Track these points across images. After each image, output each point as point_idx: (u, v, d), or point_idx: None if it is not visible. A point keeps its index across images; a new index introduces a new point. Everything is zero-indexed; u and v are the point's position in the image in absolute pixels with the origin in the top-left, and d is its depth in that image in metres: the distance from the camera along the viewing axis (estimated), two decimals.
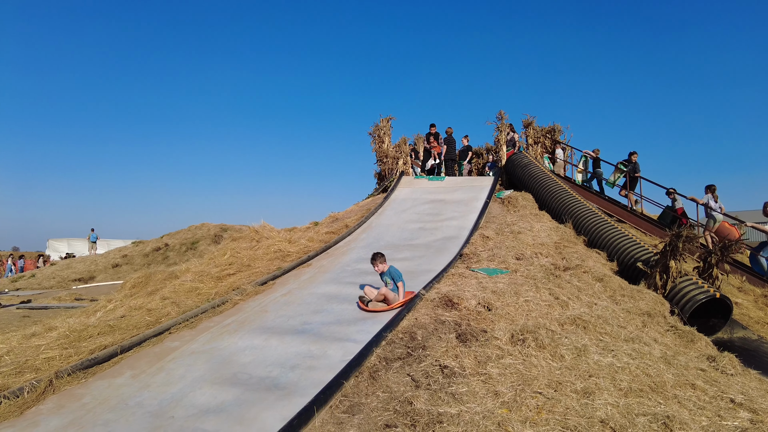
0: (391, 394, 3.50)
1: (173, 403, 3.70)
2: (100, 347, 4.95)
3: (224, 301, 6.02)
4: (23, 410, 3.67)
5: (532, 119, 14.36)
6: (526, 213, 9.66)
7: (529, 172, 11.67)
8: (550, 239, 7.98)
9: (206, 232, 23.12)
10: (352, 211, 12.26)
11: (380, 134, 14.79)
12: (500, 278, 5.97)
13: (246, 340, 4.78)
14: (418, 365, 3.88)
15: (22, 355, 4.90)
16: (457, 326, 4.55)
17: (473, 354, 3.97)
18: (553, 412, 3.22)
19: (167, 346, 4.89)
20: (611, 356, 4.13)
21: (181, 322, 5.44)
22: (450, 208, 10.78)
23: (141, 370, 4.38)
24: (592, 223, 8.57)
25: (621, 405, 3.34)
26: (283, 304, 5.87)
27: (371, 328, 4.77)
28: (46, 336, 5.59)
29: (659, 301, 6.09)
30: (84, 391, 3.99)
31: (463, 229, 9.10)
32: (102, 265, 21.39)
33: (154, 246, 22.22)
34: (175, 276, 7.97)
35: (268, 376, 3.99)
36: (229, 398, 3.67)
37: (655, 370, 4.00)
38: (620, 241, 7.71)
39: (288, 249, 8.70)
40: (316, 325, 5.09)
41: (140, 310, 6.36)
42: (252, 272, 7.46)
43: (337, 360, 4.15)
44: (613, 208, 11.06)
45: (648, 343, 4.66)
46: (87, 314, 6.85)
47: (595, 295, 5.76)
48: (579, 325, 4.72)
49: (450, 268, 6.68)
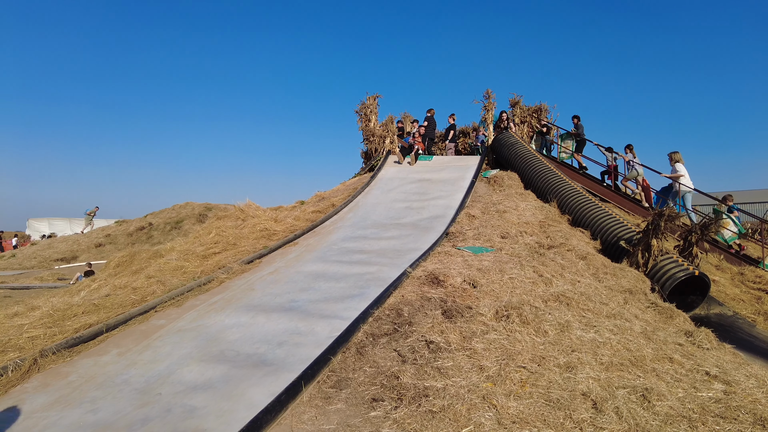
0: (378, 369, 3.55)
1: (160, 380, 3.70)
2: (85, 326, 4.92)
3: (210, 280, 6.00)
4: (8, 389, 3.64)
5: (519, 98, 14.35)
6: (511, 192, 9.73)
7: (515, 151, 11.70)
8: (535, 218, 8.06)
9: (190, 211, 22.93)
10: (339, 191, 12.21)
11: (367, 112, 14.67)
12: (485, 256, 6.03)
13: (233, 318, 4.78)
14: (404, 341, 3.93)
15: (5, 335, 4.84)
16: (443, 303, 4.61)
17: (459, 330, 4.03)
18: (537, 385, 3.29)
19: (153, 324, 4.87)
20: (593, 332, 4.22)
21: (167, 300, 5.41)
22: (437, 187, 10.79)
23: (127, 348, 4.37)
24: (576, 202, 8.66)
25: (602, 378, 3.43)
26: (270, 282, 5.87)
27: (358, 305, 4.80)
28: (29, 315, 5.53)
29: (641, 279, 6.23)
30: (70, 369, 3.97)
31: (449, 208, 9.13)
32: (85, 245, 21.13)
33: (137, 225, 21.99)
34: (160, 255, 7.90)
35: (256, 353, 4.01)
36: (217, 375, 3.68)
37: (636, 345, 4.11)
38: (604, 220, 7.82)
39: (274, 228, 8.66)
40: (303, 303, 5.11)
41: (125, 288, 6.31)
42: (238, 251, 7.42)
43: (324, 336, 4.18)
44: (596, 188, 11.17)
45: (629, 319, 4.77)
46: (71, 293, 6.78)
47: (578, 272, 5.86)
48: (562, 301, 4.81)
49: (436, 246, 6.73)
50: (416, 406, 3.03)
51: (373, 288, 5.32)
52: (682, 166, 10.06)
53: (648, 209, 10.54)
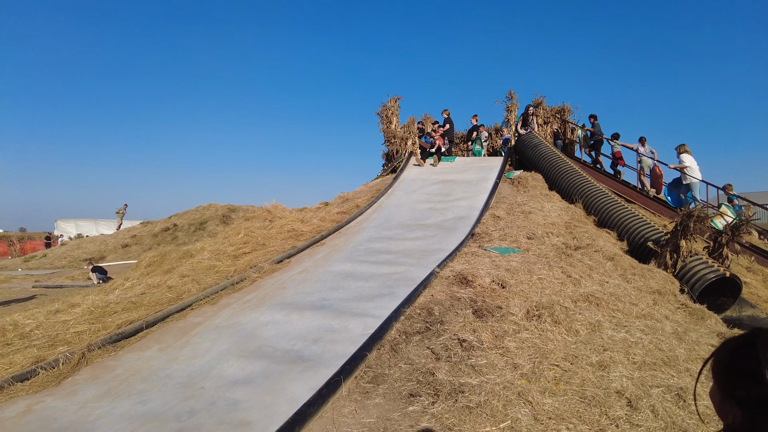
0: (413, 365, 3.63)
1: (202, 375, 3.85)
2: (126, 322, 5.11)
3: (243, 279, 6.16)
4: (60, 380, 3.83)
5: (542, 99, 14.27)
6: (536, 193, 9.71)
7: (539, 152, 11.67)
8: (561, 219, 8.05)
9: (214, 212, 23.30)
10: (362, 192, 12.33)
11: (388, 114, 14.74)
12: (513, 257, 6.07)
13: (267, 315, 4.92)
14: (437, 339, 4.00)
15: (52, 330, 5.07)
16: (472, 302, 4.67)
17: (490, 329, 4.09)
18: (571, 383, 3.34)
19: (190, 322, 5.04)
20: (624, 332, 4.25)
21: (202, 298, 5.58)
22: (460, 188, 10.83)
23: (167, 343, 4.54)
24: (602, 202, 8.62)
25: (635, 377, 3.46)
26: (301, 281, 6.01)
27: (389, 304, 4.89)
28: (70, 312, 5.76)
29: (669, 280, 6.18)
30: (116, 363, 4.15)
31: (473, 209, 9.17)
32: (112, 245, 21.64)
33: (162, 226, 22.42)
34: (191, 254, 8.11)
35: (292, 349, 4.13)
36: (256, 370, 3.81)
37: (668, 345, 4.12)
38: (630, 220, 7.78)
39: (301, 228, 8.81)
40: (334, 301, 5.23)
41: (160, 287, 6.52)
42: (267, 251, 7.58)
43: (357, 334, 4.28)
44: (622, 189, 11.08)
45: (659, 320, 4.77)
46: (106, 292, 7.02)
47: (606, 273, 5.85)
48: (592, 302, 4.83)
49: (462, 247, 6.78)
50: (453, 401, 3.11)
51: (402, 287, 5.41)
52: (689, 157, 10.23)
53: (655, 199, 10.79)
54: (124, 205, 26.87)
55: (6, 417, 3.35)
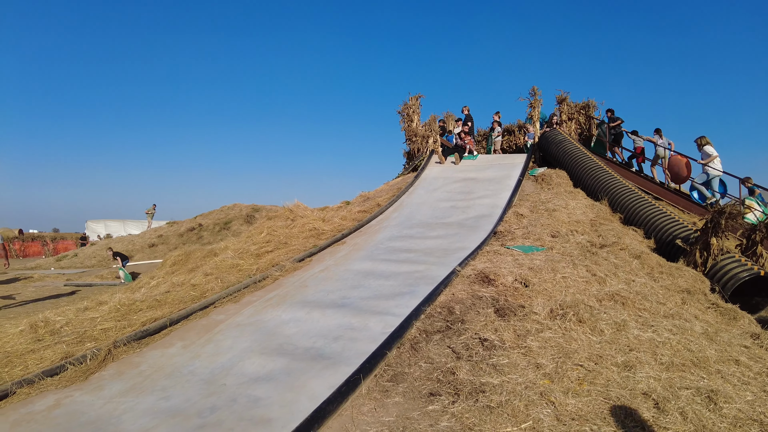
0: (433, 364, 3.60)
1: (224, 372, 3.89)
2: (151, 320, 5.22)
3: (265, 277, 6.22)
4: (87, 375, 3.93)
5: (566, 95, 14.05)
6: (560, 190, 9.56)
7: (564, 148, 11.47)
8: (586, 217, 7.90)
9: (238, 212, 23.63)
10: (383, 191, 12.33)
11: (409, 113, 14.72)
12: (536, 255, 5.97)
13: (289, 313, 4.95)
14: (457, 338, 3.96)
15: (80, 327, 5.21)
16: (494, 301, 4.61)
17: (512, 328, 4.03)
18: (595, 383, 3.27)
19: (213, 319, 5.11)
20: (651, 331, 4.13)
21: (225, 296, 5.66)
22: (482, 186, 10.73)
23: (191, 341, 4.61)
24: (628, 200, 8.42)
25: (663, 378, 3.36)
26: (322, 280, 6.03)
27: (409, 302, 4.87)
28: (98, 309, 5.91)
29: (699, 279, 6.00)
30: (140, 360, 4.24)
31: (495, 207, 9.07)
32: (139, 245, 22.16)
33: (188, 226, 22.84)
34: (214, 253, 8.24)
35: (313, 347, 4.15)
36: (278, 367, 3.83)
37: (697, 345, 3.99)
38: (658, 218, 7.58)
39: (322, 227, 8.86)
40: (354, 300, 5.23)
41: (184, 285, 6.63)
42: (289, 249, 7.64)
43: (378, 332, 4.27)
44: (649, 186, 10.80)
45: (688, 320, 4.63)
46: (132, 290, 7.18)
47: (632, 272, 5.71)
48: (617, 301, 4.72)
49: (484, 245, 6.71)
50: (474, 401, 3.07)
51: (422, 286, 5.38)
52: (712, 148, 9.94)
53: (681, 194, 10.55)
54: (153, 206, 27.54)
55: (36, 411, 3.45)
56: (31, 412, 3.44)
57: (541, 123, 14.04)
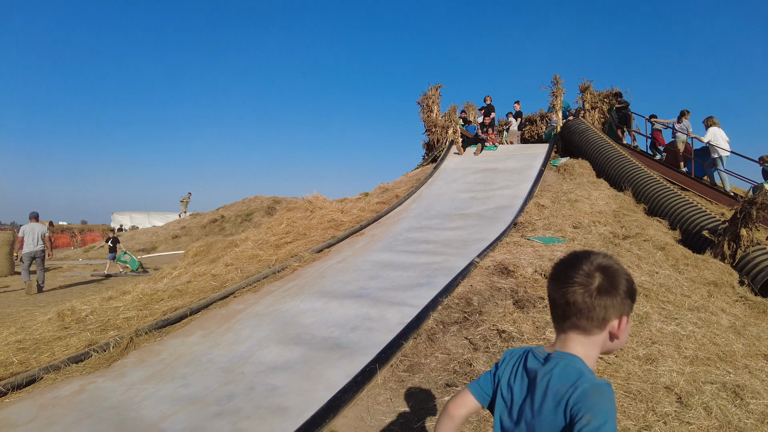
0: (450, 355, 3.58)
1: (242, 361, 3.94)
2: (172, 309, 5.30)
3: (284, 267, 6.26)
4: (110, 363, 4.02)
5: (589, 83, 13.73)
6: (583, 181, 9.36)
7: (587, 138, 11.23)
8: (609, 207, 7.73)
9: (260, 204, 23.86)
10: (402, 182, 12.28)
11: (429, 103, 14.58)
12: (557, 246, 5.87)
13: (307, 303, 4.98)
14: (475, 329, 3.93)
15: (104, 315, 5.33)
16: (513, 293, 4.55)
17: (531, 320, 3.97)
18: (615, 376, 3.20)
19: (233, 309, 5.17)
20: (675, 324, 4.03)
21: (244, 286, 5.71)
22: (503, 176, 10.59)
23: (210, 330, 4.67)
24: (653, 190, 8.21)
25: (687, 372, 3.27)
26: (340, 271, 6.04)
27: (427, 293, 4.84)
28: (122, 299, 6.04)
29: (727, 271, 5.82)
30: (161, 348, 4.31)
31: (516, 197, 8.95)
32: (163, 237, 22.60)
33: (210, 218, 23.18)
34: (235, 244, 8.32)
35: (330, 337, 4.16)
36: (295, 356, 3.86)
37: (724, 339, 3.88)
38: (684, 208, 7.37)
39: (341, 218, 8.87)
40: (372, 290, 5.23)
41: (205, 275, 6.72)
42: (308, 240, 7.68)
43: (395, 323, 4.26)
44: (675, 176, 10.51)
45: (715, 313, 4.50)
46: (155, 280, 7.31)
47: (656, 263, 5.57)
48: (640, 293, 4.60)
49: (504, 236, 6.62)
50: None
51: (440, 277, 5.35)
52: (717, 129, 10.12)
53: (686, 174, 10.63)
54: (188, 194, 28.06)
55: (62, 395, 3.55)
56: (57, 396, 3.53)
57: (563, 112, 13.76)
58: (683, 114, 11.10)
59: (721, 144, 9.99)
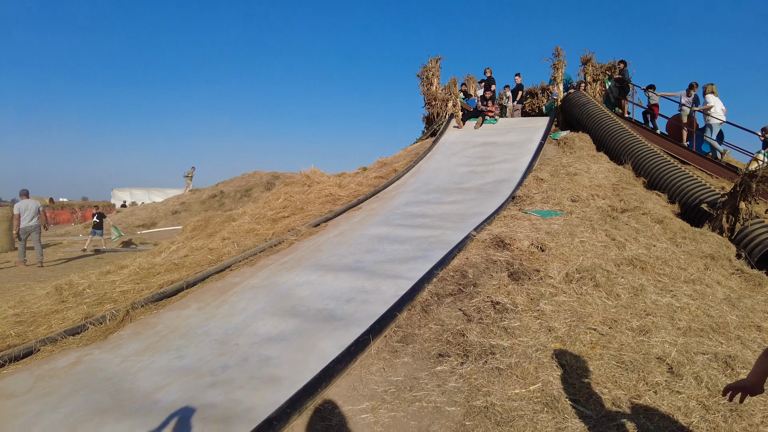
0: (444, 326, 3.59)
1: (237, 332, 3.96)
2: (168, 282, 5.32)
3: (281, 241, 6.26)
4: (107, 335, 4.05)
5: (591, 55, 13.48)
6: (583, 154, 9.28)
7: (587, 111, 11.08)
8: (608, 181, 7.67)
9: (259, 179, 23.80)
10: (400, 156, 12.19)
11: (428, 76, 14.35)
12: (554, 220, 5.84)
13: (303, 276, 4.98)
14: (469, 301, 3.93)
15: (101, 289, 5.34)
16: (509, 266, 4.54)
17: (526, 292, 3.97)
18: (608, 347, 3.21)
19: (229, 282, 5.18)
20: (670, 296, 4.03)
21: (241, 260, 5.72)
22: (502, 150, 10.50)
23: (206, 303, 4.69)
24: (652, 163, 8.13)
25: (679, 343, 3.28)
26: (336, 244, 6.04)
27: (422, 266, 4.84)
28: (119, 273, 6.05)
29: (724, 244, 5.79)
30: (157, 320, 4.34)
31: (515, 171, 8.88)
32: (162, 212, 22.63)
33: (210, 193, 23.16)
34: (232, 219, 8.31)
35: (325, 309, 4.17)
36: (289, 328, 3.88)
37: (717, 311, 3.88)
38: (683, 182, 7.31)
39: (338, 193, 8.83)
40: (368, 264, 5.22)
41: (202, 249, 6.73)
42: (305, 215, 7.66)
43: (390, 295, 4.26)
44: (675, 149, 10.40)
45: (710, 285, 4.49)
46: (153, 255, 7.32)
47: (654, 236, 5.55)
48: (636, 265, 4.60)
49: (502, 210, 6.59)
50: (483, 362, 3.05)
51: (437, 250, 5.34)
52: (714, 97, 10.00)
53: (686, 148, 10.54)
54: (192, 168, 28.06)
55: (59, 367, 3.57)
56: (54, 368, 3.56)
57: (565, 85, 13.55)
58: (692, 87, 10.84)
59: (717, 113, 9.91)
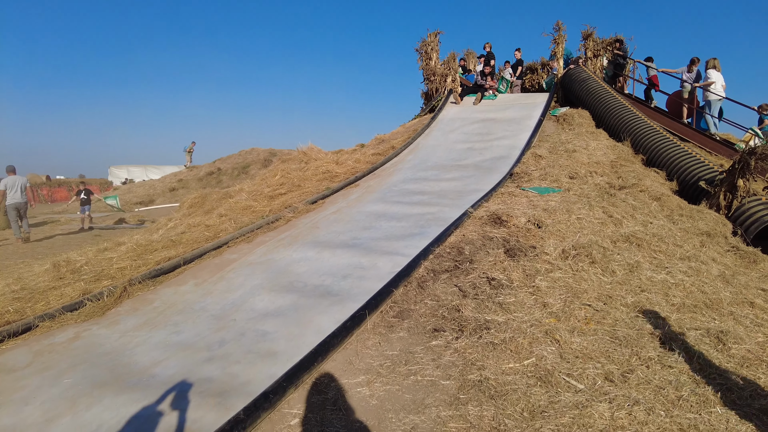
0: (439, 302, 3.61)
1: (234, 308, 3.98)
2: (165, 259, 5.32)
3: (278, 218, 6.25)
4: (105, 311, 4.06)
5: (592, 30, 13.25)
6: (582, 131, 9.21)
7: (587, 87, 10.97)
8: (606, 158, 7.64)
9: (256, 156, 23.68)
10: (398, 133, 12.10)
11: (427, 50, 14.12)
12: (552, 197, 5.83)
13: (300, 253, 4.99)
14: (465, 277, 3.95)
15: (98, 266, 5.35)
16: (505, 242, 4.55)
17: (521, 268, 3.98)
18: (602, 323, 3.24)
19: (226, 258, 5.19)
20: (665, 273, 4.05)
21: (238, 236, 5.71)
22: (501, 127, 10.42)
23: (203, 279, 4.70)
24: (651, 140, 8.09)
25: (673, 319, 3.31)
26: (334, 221, 6.03)
27: (419, 243, 4.85)
28: (116, 250, 6.04)
29: (721, 222, 5.80)
30: (154, 297, 4.35)
31: (514, 148, 8.83)
32: (160, 189, 22.56)
33: (207, 170, 23.07)
34: (230, 195, 8.27)
35: (322, 285, 4.19)
36: (286, 303, 3.90)
37: (712, 288, 3.90)
38: (682, 159, 7.28)
39: (336, 170, 8.79)
40: (365, 240, 5.23)
41: (199, 226, 6.71)
42: (302, 192, 7.63)
43: (386, 271, 4.28)
44: (675, 126, 10.32)
45: (705, 262, 4.51)
46: (150, 232, 7.31)
47: (651, 214, 5.55)
48: (633, 242, 4.61)
49: (499, 187, 6.57)
50: (477, 337, 3.08)
51: (433, 227, 5.34)
52: (715, 72, 9.84)
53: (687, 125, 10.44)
54: (192, 143, 27.69)
55: (58, 342, 3.60)
56: (52, 343, 3.59)
57: (565, 60, 13.37)
58: (693, 62, 10.67)
59: (717, 89, 9.79)
